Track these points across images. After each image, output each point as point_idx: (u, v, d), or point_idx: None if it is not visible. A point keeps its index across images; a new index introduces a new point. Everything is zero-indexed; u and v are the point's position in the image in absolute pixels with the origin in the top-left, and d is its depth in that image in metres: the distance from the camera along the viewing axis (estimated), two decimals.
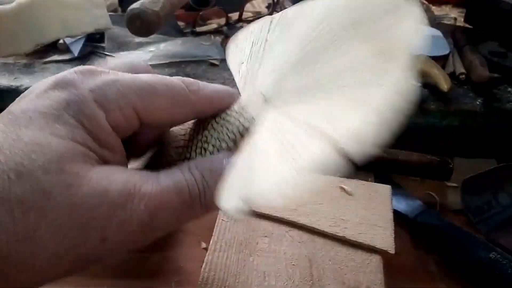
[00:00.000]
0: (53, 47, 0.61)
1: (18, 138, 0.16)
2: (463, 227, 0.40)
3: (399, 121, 0.14)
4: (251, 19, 0.78)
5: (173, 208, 0.18)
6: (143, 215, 0.17)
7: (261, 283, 0.29)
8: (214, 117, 0.23)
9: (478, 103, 0.51)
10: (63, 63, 0.58)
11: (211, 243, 0.32)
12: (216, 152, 0.22)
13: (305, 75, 0.19)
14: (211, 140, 0.22)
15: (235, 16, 0.77)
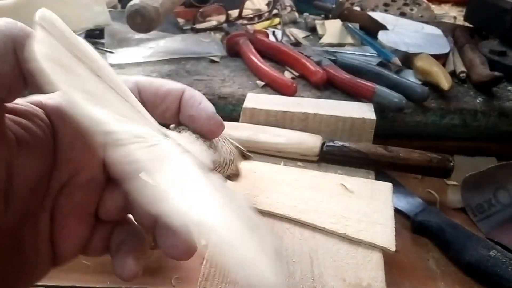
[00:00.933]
0: None
1: None
2: (463, 225, 0.40)
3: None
4: (250, 16, 0.78)
5: None
6: None
7: None
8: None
9: (478, 101, 0.51)
10: None
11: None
12: None
13: None
14: None
15: (235, 13, 0.76)
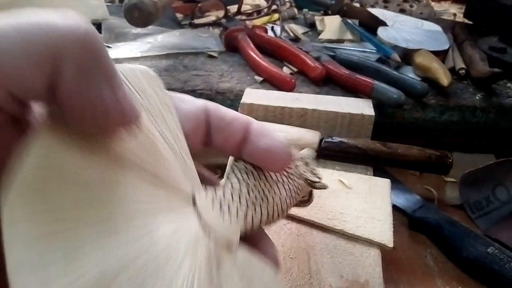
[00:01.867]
0: None
1: None
2: (461, 222, 0.39)
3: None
4: (249, 12, 0.78)
5: None
6: None
7: None
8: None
9: (477, 98, 0.51)
10: None
11: None
12: None
13: None
14: None
15: (234, 8, 0.76)
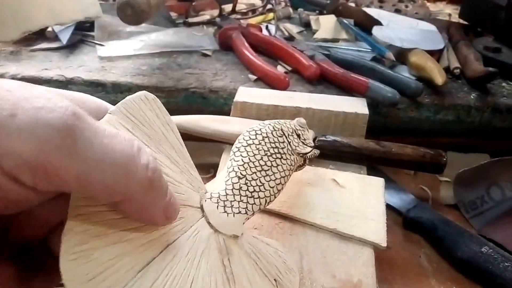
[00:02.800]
0: (41, 35, 0.59)
1: None
2: (456, 221, 0.39)
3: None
4: (244, 11, 0.77)
5: None
6: None
7: None
8: None
9: (472, 97, 0.51)
10: (51, 51, 0.57)
11: None
12: None
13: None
14: None
15: (228, 7, 0.76)
